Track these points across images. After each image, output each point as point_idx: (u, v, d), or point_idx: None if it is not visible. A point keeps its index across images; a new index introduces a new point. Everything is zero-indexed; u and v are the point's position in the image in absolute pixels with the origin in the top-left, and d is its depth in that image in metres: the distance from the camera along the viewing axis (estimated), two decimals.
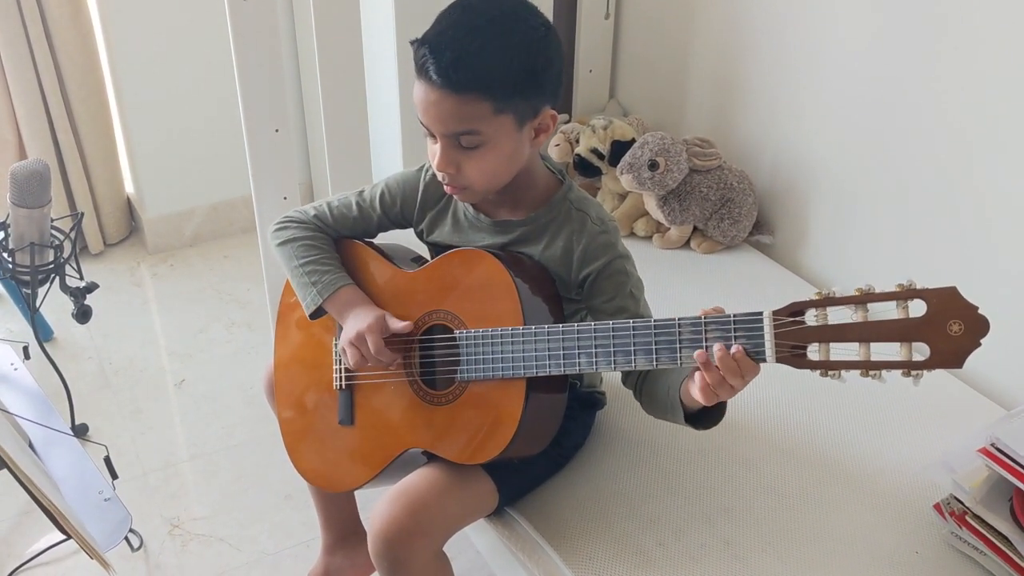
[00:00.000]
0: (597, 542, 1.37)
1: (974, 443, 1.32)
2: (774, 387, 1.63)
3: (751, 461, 1.51)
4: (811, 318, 1.03)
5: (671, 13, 2.27)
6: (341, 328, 1.39)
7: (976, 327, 0.95)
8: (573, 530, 1.39)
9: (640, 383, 1.32)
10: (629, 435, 1.55)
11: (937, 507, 1.37)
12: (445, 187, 1.33)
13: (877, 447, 1.54)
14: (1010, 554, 1.28)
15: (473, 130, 1.22)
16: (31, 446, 1.25)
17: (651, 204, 2.08)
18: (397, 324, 1.33)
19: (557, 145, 2.23)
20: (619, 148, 2.10)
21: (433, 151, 1.28)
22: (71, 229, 1.86)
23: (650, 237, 2.13)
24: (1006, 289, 1.64)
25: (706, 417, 1.22)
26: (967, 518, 1.32)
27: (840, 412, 1.61)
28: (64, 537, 1.08)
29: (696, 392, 1.13)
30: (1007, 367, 1.66)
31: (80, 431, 2.07)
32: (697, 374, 1.12)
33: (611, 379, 1.64)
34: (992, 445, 1.28)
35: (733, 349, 1.07)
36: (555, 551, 1.37)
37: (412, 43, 1.24)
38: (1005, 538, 1.28)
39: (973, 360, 1.68)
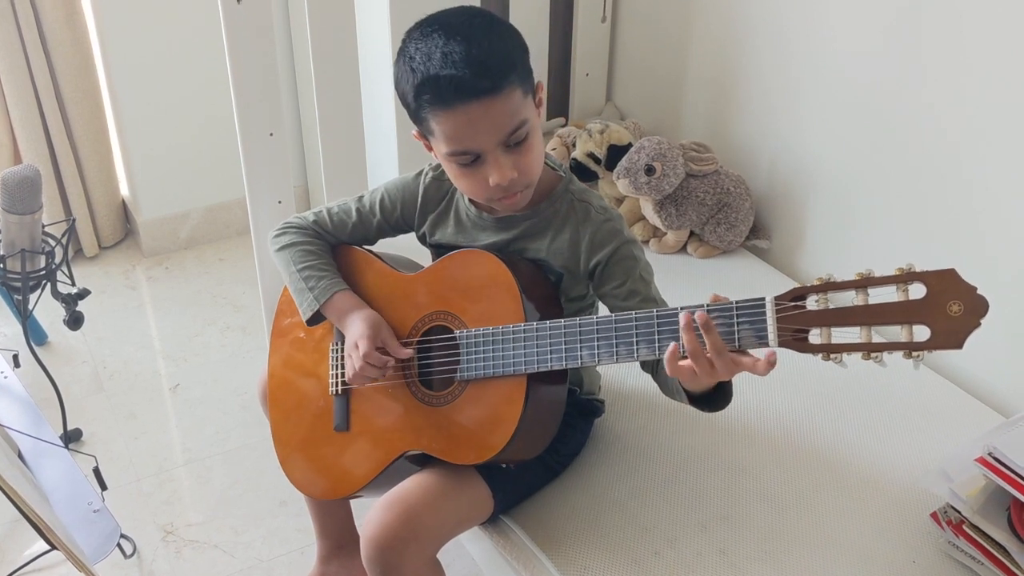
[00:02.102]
0: (592, 551, 1.37)
1: (971, 452, 1.31)
2: (771, 393, 1.63)
3: (747, 468, 1.50)
4: (812, 303, 1.03)
5: (668, 16, 2.26)
6: (340, 334, 1.38)
7: (976, 307, 0.95)
8: (568, 538, 1.39)
9: (656, 365, 1.32)
10: (625, 442, 1.55)
11: (934, 516, 1.37)
12: (502, 202, 1.30)
13: (874, 454, 1.53)
14: (1007, 564, 1.27)
15: (522, 120, 1.23)
16: (20, 456, 1.24)
17: (648, 209, 2.08)
18: (404, 351, 1.33)
19: (554, 149, 2.23)
20: (616, 152, 2.10)
21: (481, 177, 1.25)
22: (63, 235, 1.84)
23: (647, 241, 2.12)
24: (1004, 295, 1.62)
25: (710, 400, 1.21)
26: (964, 527, 1.31)
27: (837, 419, 1.60)
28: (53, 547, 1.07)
29: (674, 370, 1.12)
30: (1005, 373, 1.65)
31: (73, 436, 2.06)
32: (669, 347, 1.11)
33: (611, 388, 1.63)
34: (989, 455, 1.27)
35: (696, 314, 1.07)
36: (550, 560, 1.36)
37: (416, 88, 1.21)
38: (1002, 548, 1.28)
39: (971, 366, 1.68)
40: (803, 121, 1.98)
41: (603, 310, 1.42)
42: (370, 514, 1.30)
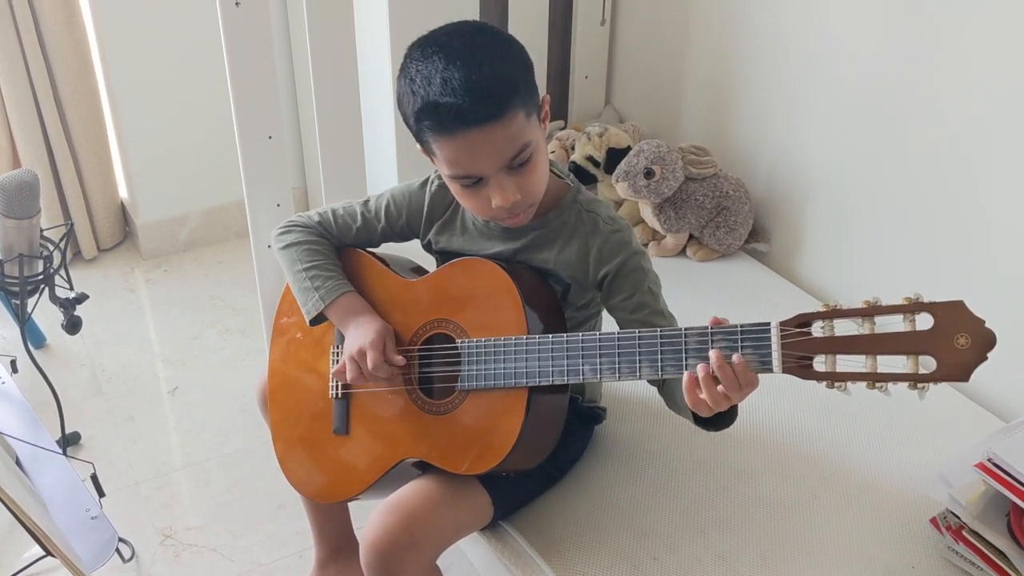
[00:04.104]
0: (591, 556, 1.37)
1: (971, 457, 1.31)
2: (771, 399, 1.63)
3: (747, 473, 1.50)
4: (818, 330, 1.03)
5: (667, 19, 2.26)
6: (341, 336, 1.38)
7: (983, 341, 0.95)
8: (567, 544, 1.39)
9: (664, 381, 1.31)
10: (624, 448, 1.54)
11: (934, 521, 1.37)
12: (507, 221, 1.30)
13: (874, 459, 1.53)
14: (1007, 569, 1.27)
15: (525, 144, 1.21)
16: (18, 462, 1.23)
17: (647, 212, 2.07)
18: (396, 357, 1.32)
19: (553, 152, 2.23)
20: (615, 156, 2.09)
21: (484, 198, 1.25)
22: (61, 239, 1.84)
23: (646, 245, 2.12)
24: (1004, 299, 1.63)
25: (717, 420, 1.21)
26: (964, 533, 1.31)
27: (836, 424, 1.60)
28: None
29: (688, 401, 1.13)
30: (1005, 378, 1.65)
31: (72, 439, 2.06)
32: (685, 377, 1.12)
33: (612, 394, 1.63)
34: (989, 460, 1.27)
35: (734, 359, 1.06)
36: (549, 565, 1.36)
37: (419, 114, 1.20)
38: (1002, 553, 1.27)
39: None
40: (802, 124, 1.98)
41: (608, 321, 1.42)
42: (370, 519, 1.30)
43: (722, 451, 1.54)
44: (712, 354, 1.08)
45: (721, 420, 1.21)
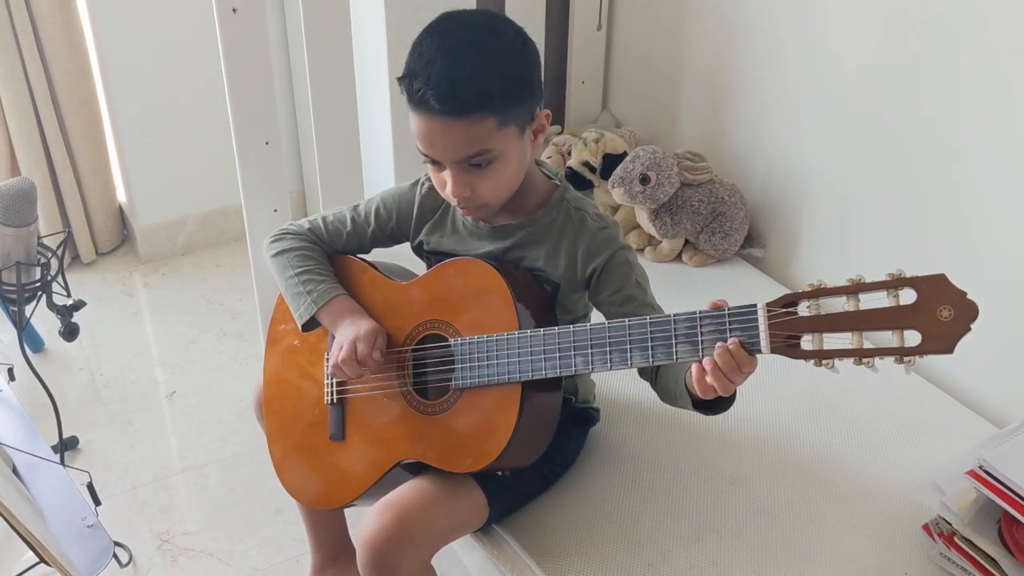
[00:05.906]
0: (585, 563, 1.37)
1: (963, 464, 1.32)
2: (764, 405, 1.63)
3: (741, 480, 1.51)
4: (804, 309, 1.04)
5: (663, 25, 2.27)
6: (334, 339, 1.38)
7: (965, 312, 0.96)
8: (561, 551, 1.39)
9: (655, 373, 1.32)
10: (619, 453, 1.55)
11: (926, 528, 1.37)
12: (460, 210, 1.33)
13: (867, 466, 1.54)
14: None
15: (484, 149, 1.23)
16: (15, 470, 1.24)
17: (643, 217, 2.08)
18: (375, 353, 1.33)
19: (549, 157, 2.23)
20: (611, 161, 2.10)
21: (441, 179, 1.28)
22: (58, 247, 1.84)
23: (642, 250, 2.13)
24: (999, 304, 1.62)
25: (716, 404, 1.22)
26: (955, 539, 1.32)
27: (830, 430, 1.61)
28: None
29: (693, 386, 1.15)
30: (998, 383, 1.65)
31: (70, 444, 2.06)
32: (694, 368, 1.13)
33: (606, 397, 1.64)
34: (980, 468, 1.28)
35: (729, 342, 1.08)
36: (543, 572, 1.37)
37: (400, 79, 1.24)
38: (993, 560, 1.28)
39: (964, 376, 1.68)
40: (798, 130, 1.99)
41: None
42: (365, 519, 1.31)
43: (716, 458, 1.54)
44: (718, 346, 1.09)
45: (721, 403, 1.21)
